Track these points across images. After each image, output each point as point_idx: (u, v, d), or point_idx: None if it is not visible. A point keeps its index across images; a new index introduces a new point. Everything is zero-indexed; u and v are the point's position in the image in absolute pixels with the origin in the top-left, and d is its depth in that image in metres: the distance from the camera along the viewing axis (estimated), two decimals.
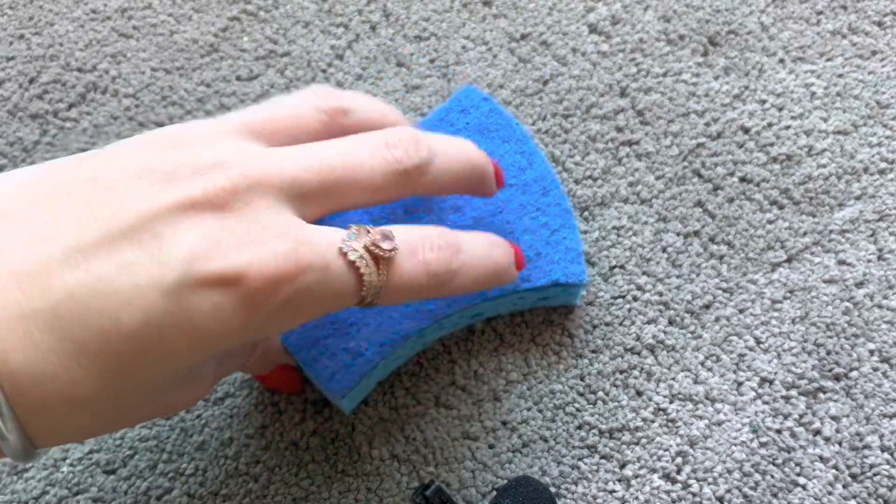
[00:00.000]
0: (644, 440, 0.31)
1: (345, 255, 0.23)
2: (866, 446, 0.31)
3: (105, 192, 0.21)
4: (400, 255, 0.24)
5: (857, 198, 0.35)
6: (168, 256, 0.20)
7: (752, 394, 0.32)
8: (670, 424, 0.32)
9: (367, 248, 0.23)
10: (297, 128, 0.25)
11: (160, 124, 0.38)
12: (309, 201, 0.23)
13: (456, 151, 0.27)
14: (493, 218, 0.32)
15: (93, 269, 0.20)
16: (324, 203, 0.24)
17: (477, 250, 0.26)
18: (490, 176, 0.28)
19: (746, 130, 0.37)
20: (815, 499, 0.30)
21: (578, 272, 0.31)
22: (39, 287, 0.20)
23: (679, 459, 0.31)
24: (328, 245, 0.23)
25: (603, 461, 0.31)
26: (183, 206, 0.21)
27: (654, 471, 0.31)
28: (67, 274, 0.20)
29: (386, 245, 0.23)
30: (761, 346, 0.33)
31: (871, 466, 0.31)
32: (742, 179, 0.36)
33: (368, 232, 0.23)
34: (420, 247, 0.25)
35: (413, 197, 0.27)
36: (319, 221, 0.24)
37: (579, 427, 0.32)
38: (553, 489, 0.31)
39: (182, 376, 0.22)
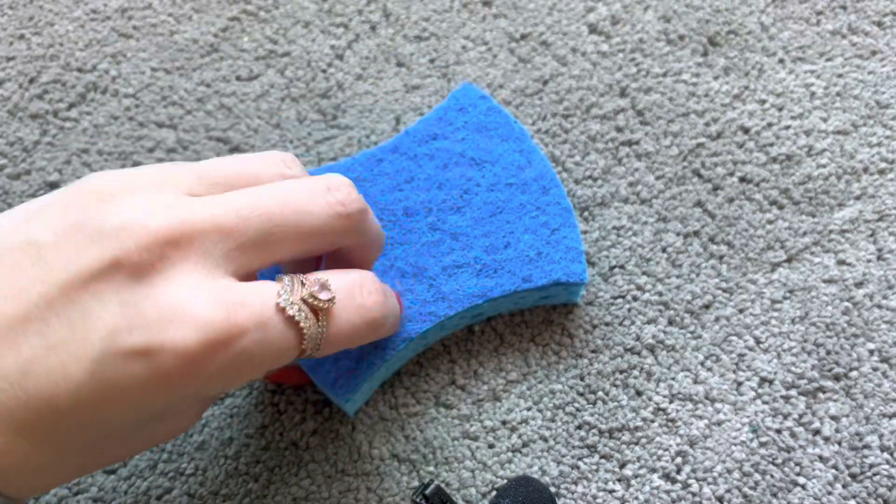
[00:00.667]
0: (644, 440, 0.31)
1: (283, 310, 0.22)
2: (866, 446, 0.31)
3: (33, 259, 0.20)
4: (338, 303, 0.23)
5: (857, 198, 0.35)
6: (91, 332, 0.20)
7: (752, 394, 0.32)
8: (670, 424, 0.32)
9: (304, 301, 0.22)
10: (253, 180, 0.24)
11: (160, 124, 0.38)
12: (244, 254, 0.22)
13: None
14: (494, 217, 0.32)
15: (24, 352, 0.20)
16: (259, 255, 0.22)
17: (391, 293, 0.26)
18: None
19: (746, 130, 0.37)
20: (815, 498, 0.30)
21: (579, 271, 0.31)
22: None
23: (679, 459, 0.31)
24: (263, 303, 0.21)
25: (603, 461, 0.31)
26: (106, 272, 0.20)
27: (653, 470, 0.31)
28: (1, 356, 0.20)
29: (324, 296, 0.23)
30: (761, 345, 0.33)
31: (871, 466, 0.31)
32: (742, 179, 0.36)
33: (303, 283, 0.23)
34: (357, 292, 0.24)
35: (352, 236, 0.25)
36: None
37: (579, 427, 0.32)
38: (553, 489, 0.31)
39: (144, 420, 0.22)
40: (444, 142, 0.33)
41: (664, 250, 0.35)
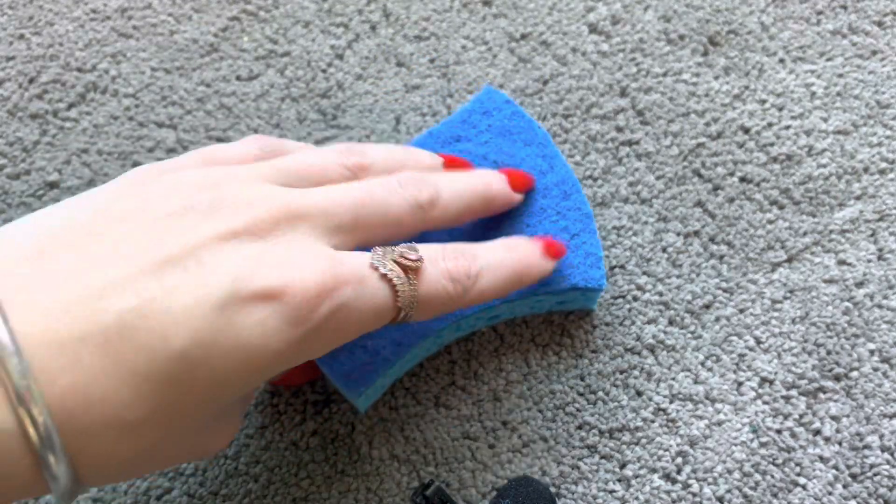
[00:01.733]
0: (644, 440, 0.31)
1: (376, 269, 0.24)
2: (866, 446, 0.31)
3: (146, 228, 0.22)
4: (425, 264, 0.25)
5: (858, 198, 0.35)
6: (213, 278, 0.21)
7: (753, 394, 0.32)
8: (670, 424, 0.32)
9: (395, 262, 0.25)
10: (323, 179, 0.27)
11: (160, 124, 0.38)
12: (341, 234, 0.25)
13: (460, 184, 0.29)
14: (514, 222, 0.32)
15: (141, 294, 0.20)
16: (354, 235, 0.25)
17: (492, 255, 0.28)
18: (498, 195, 0.30)
19: (746, 130, 0.37)
20: (816, 499, 0.30)
21: (598, 277, 0.31)
22: (88, 312, 0.20)
23: (679, 459, 0.31)
24: (360, 263, 0.24)
25: (603, 461, 0.31)
26: (224, 236, 0.22)
27: (654, 471, 0.31)
28: (115, 299, 0.20)
29: (412, 255, 0.25)
30: (761, 346, 0.33)
31: (872, 466, 0.31)
32: (742, 179, 0.36)
33: (393, 249, 0.25)
34: (441, 257, 0.26)
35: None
36: None
37: (579, 427, 0.32)
38: (553, 489, 0.31)
39: (221, 411, 0.23)
40: (468, 144, 0.33)
41: (664, 250, 0.35)
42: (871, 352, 0.32)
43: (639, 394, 0.32)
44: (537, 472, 0.31)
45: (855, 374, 0.32)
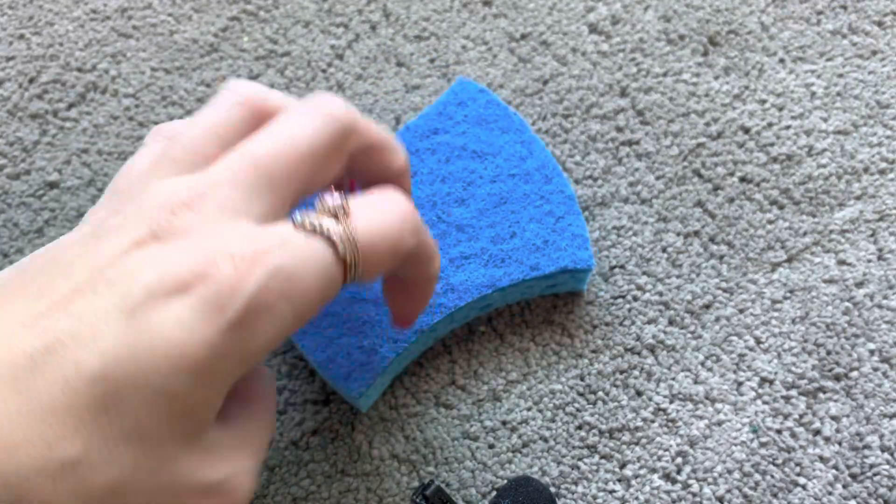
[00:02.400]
0: (644, 440, 0.31)
1: (301, 225, 0.21)
2: (866, 446, 0.31)
3: (57, 264, 0.21)
4: (356, 208, 0.22)
5: (858, 198, 0.35)
6: (119, 290, 0.19)
7: (753, 394, 0.32)
8: (670, 424, 0.32)
9: (319, 213, 0.22)
10: (222, 141, 0.23)
11: (159, 123, 0.38)
12: (257, 199, 0.22)
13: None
14: (498, 208, 0.32)
15: (47, 329, 0.19)
16: (277, 193, 0.22)
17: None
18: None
19: (746, 130, 0.37)
20: (815, 499, 0.30)
21: (586, 257, 0.32)
22: None
23: (679, 459, 0.31)
24: (280, 228, 0.21)
25: (603, 461, 0.31)
26: (127, 249, 0.20)
27: (654, 471, 0.31)
28: (24, 339, 0.19)
29: (330, 199, 0.22)
30: (761, 346, 0.33)
31: (871, 466, 0.31)
32: (742, 179, 0.36)
33: (311, 205, 0.22)
34: (375, 200, 0.23)
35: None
36: None
37: (579, 427, 0.32)
38: (553, 489, 0.31)
39: (192, 434, 0.20)
40: (445, 136, 0.33)
41: (664, 250, 0.35)
42: (871, 352, 0.32)
43: (639, 394, 0.32)
44: (537, 472, 0.31)
45: (855, 374, 0.32)
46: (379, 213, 0.22)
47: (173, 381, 0.19)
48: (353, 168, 0.25)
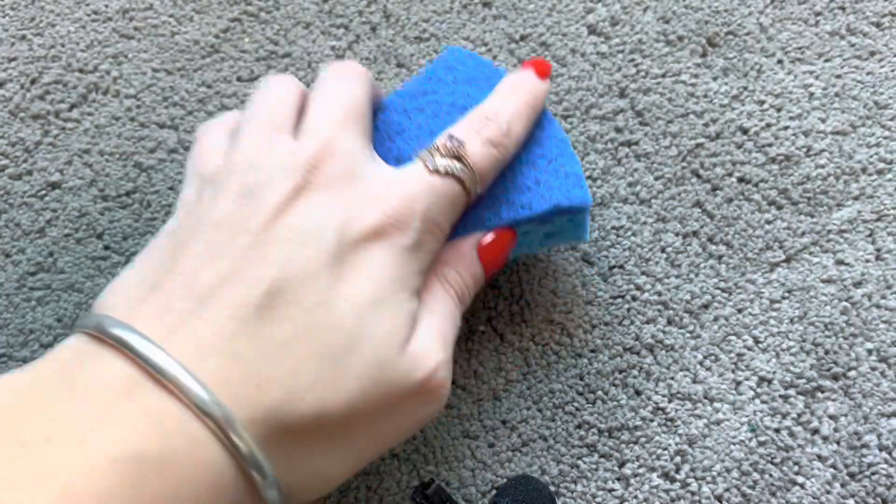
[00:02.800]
0: (643, 439, 0.31)
1: (434, 171, 0.26)
2: (864, 445, 0.31)
3: (218, 225, 0.24)
4: (466, 143, 0.27)
5: (856, 198, 0.35)
6: (323, 229, 0.24)
7: (751, 393, 0.32)
8: (669, 423, 0.32)
9: (442, 156, 0.27)
10: (296, 101, 0.28)
11: (161, 125, 0.38)
12: (365, 137, 0.28)
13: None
14: None
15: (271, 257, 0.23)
16: (367, 131, 0.28)
17: (509, 103, 0.29)
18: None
19: (745, 131, 0.37)
20: (814, 498, 0.30)
21: (581, 195, 0.30)
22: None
23: (678, 458, 0.31)
24: (419, 173, 0.26)
25: (602, 460, 0.31)
26: (289, 198, 0.24)
27: (652, 470, 0.31)
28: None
29: (452, 143, 0.27)
30: (760, 345, 0.33)
31: (870, 465, 0.31)
32: (741, 180, 0.36)
33: (437, 148, 0.27)
34: (474, 130, 0.28)
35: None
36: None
37: (578, 426, 0.32)
38: (552, 488, 0.31)
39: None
40: (434, 96, 0.32)
41: (663, 250, 0.35)
42: (869, 351, 0.33)
43: (638, 393, 0.32)
44: (537, 471, 0.31)
45: (853, 373, 0.32)
46: (486, 146, 0.28)
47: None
48: None
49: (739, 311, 0.33)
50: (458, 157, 0.27)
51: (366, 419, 0.23)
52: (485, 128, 0.28)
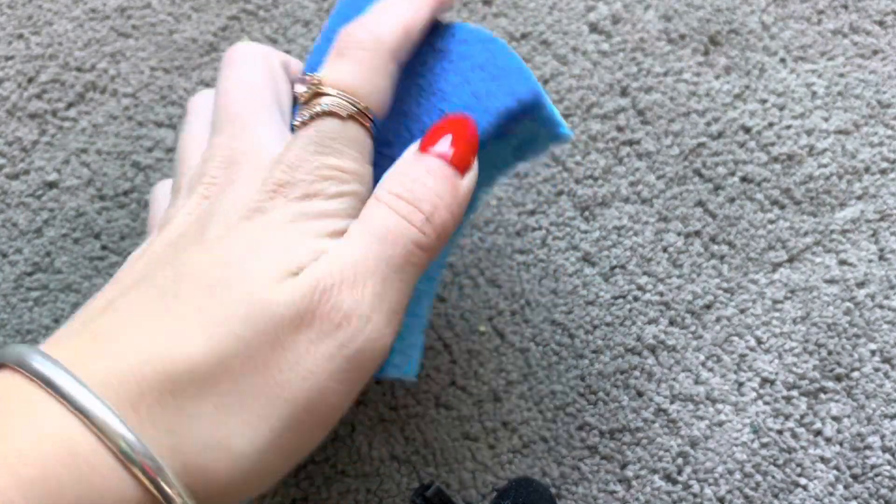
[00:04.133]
0: (645, 441, 0.31)
1: (302, 123, 0.24)
2: (867, 447, 0.31)
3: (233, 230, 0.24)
4: (325, 75, 0.25)
5: (859, 198, 0.35)
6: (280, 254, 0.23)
7: (754, 394, 0.32)
8: (671, 425, 0.31)
9: (304, 103, 0.25)
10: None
11: (159, 123, 0.38)
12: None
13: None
14: (428, 97, 0.27)
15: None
16: None
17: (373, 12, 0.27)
18: None
19: (747, 130, 0.37)
20: (817, 499, 0.30)
21: (525, 89, 0.26)
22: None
23: (680, 460, 0.31)
24: (294, 134, 0.25)
25: (604, 462, 0.31)
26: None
27: (654, 471, 0.31)
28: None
29: (305, 86, 0.25)
30: (762, 346, 0.33)
31: (873, 467, 0.31)
32: (743, 179, 0.36)
33: (300, 102, 0.25)
34: (331, 55, 0.25)
35: None
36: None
37: (580, 428, 0.32)
38: (554, 490, 0.31)
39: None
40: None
41: (665, 250, 0.34)
42: (873, 352, 0.32)
43: (639, 394, 0.32)
44: (538, 473, 0.31)
45: (856, 374, 0.32)
46: (340, 65, 0.25)
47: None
48: None
49: (742, 311, 0.33)
50: (319, 94, 0.24)
51: (251, 365, 0.21)
52: (340, 44, 0.25)
